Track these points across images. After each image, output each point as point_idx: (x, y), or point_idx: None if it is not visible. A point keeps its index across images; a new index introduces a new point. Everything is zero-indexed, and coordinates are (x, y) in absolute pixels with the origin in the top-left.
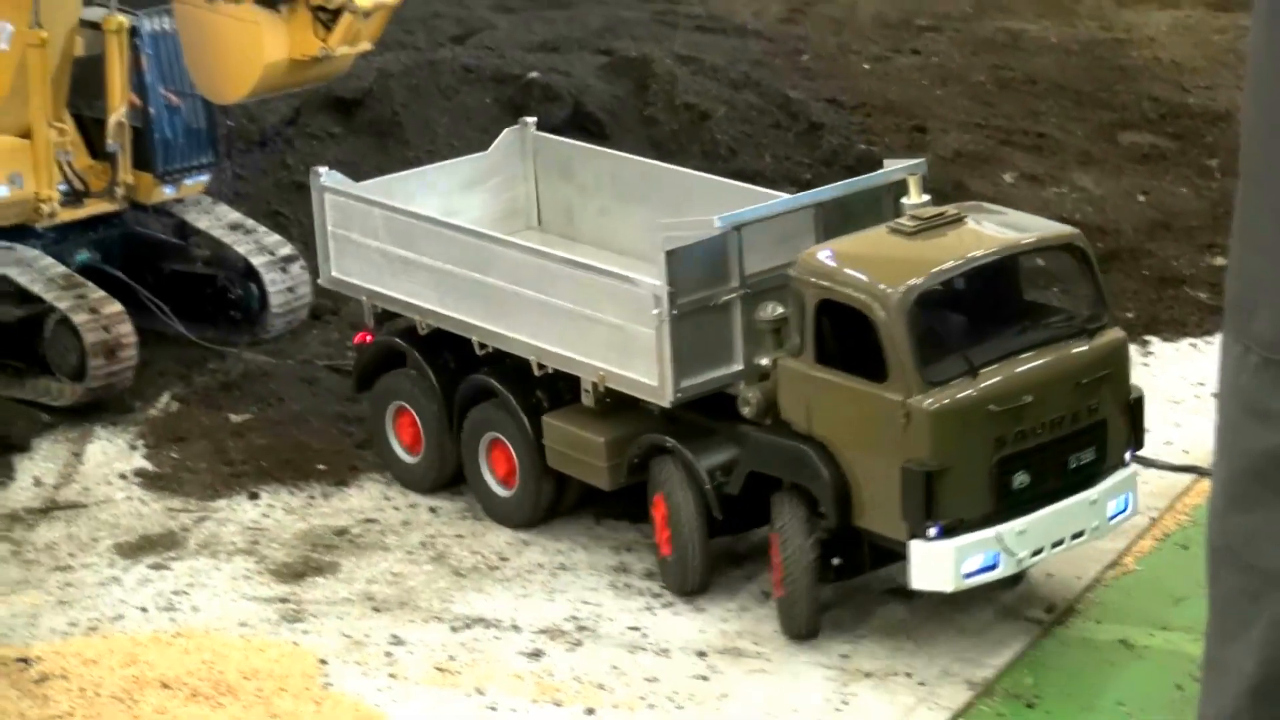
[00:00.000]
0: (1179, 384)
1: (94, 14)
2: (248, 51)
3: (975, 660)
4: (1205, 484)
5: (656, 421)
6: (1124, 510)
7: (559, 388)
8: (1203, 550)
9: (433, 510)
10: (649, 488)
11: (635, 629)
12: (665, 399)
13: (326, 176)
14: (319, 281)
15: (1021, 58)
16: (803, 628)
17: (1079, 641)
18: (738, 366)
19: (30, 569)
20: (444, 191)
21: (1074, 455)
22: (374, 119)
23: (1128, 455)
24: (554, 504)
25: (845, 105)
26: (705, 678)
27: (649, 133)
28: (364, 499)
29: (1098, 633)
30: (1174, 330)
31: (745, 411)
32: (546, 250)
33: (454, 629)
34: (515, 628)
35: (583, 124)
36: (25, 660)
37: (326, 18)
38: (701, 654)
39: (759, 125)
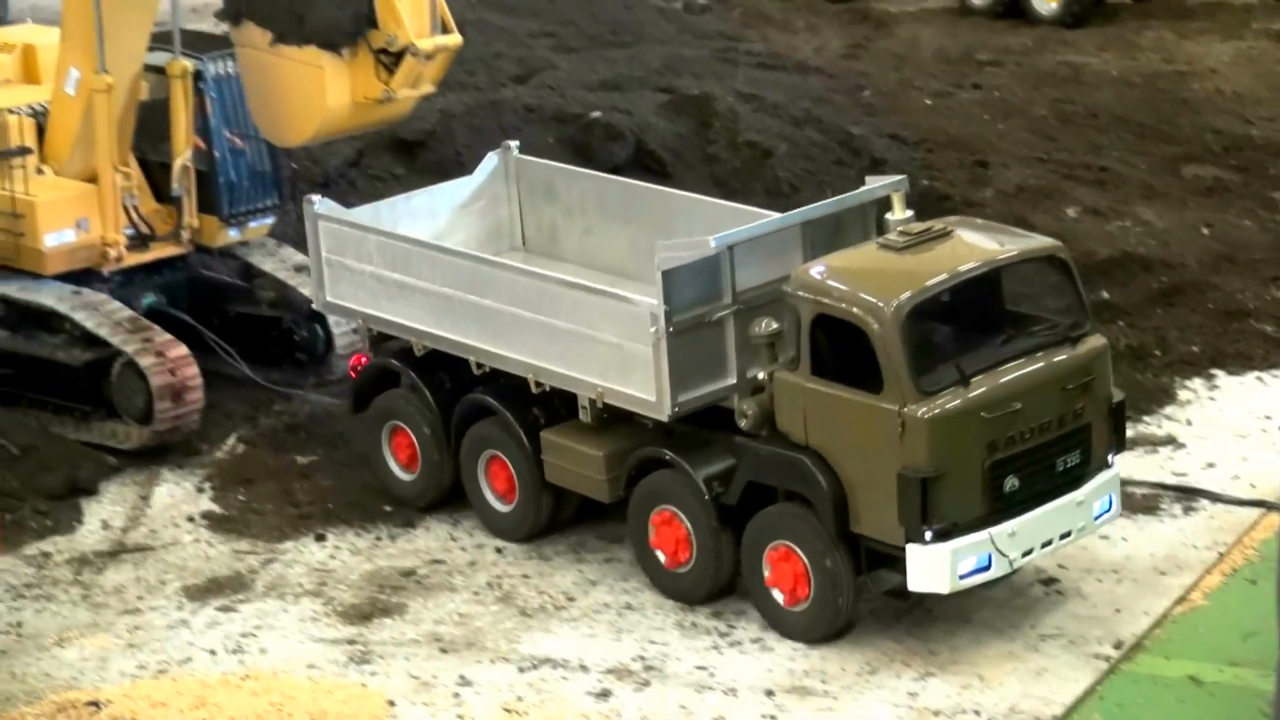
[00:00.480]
0: (1245, 418)
1: (158, 58)
2: (311, 95)
3: (1043, 698)
4: (1273, 518)
5: (653, 435)
6: (1108, 510)
7: (555, 404)
8: (1272, 585)
9: (499, 550)
10: (642, 504)
11: (703, 668)
12: (663, 413)
13: (320, 204)
14: (313, 306)
15: (1083, 91)
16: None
17: (1147, 678)
18: (732, 380)
19: (99, 612)
20: (430, 215)
21: (1061, 458)
22: (437, 160)
23: (1110, 457)
24: (553, 518)
25: (907, 141)
26: (773, 717)
27: (711, 170)
28: (430, 540)
29: (1166, 669)
30: (1240, 364)
31: (742, 424)
32: (544, 272)
33: (521, 669)
34: (583, 668)
35: (645, 162)
36: (95, 704)
37: (389, 60)
38: (769, 693)
39: (821, 162)
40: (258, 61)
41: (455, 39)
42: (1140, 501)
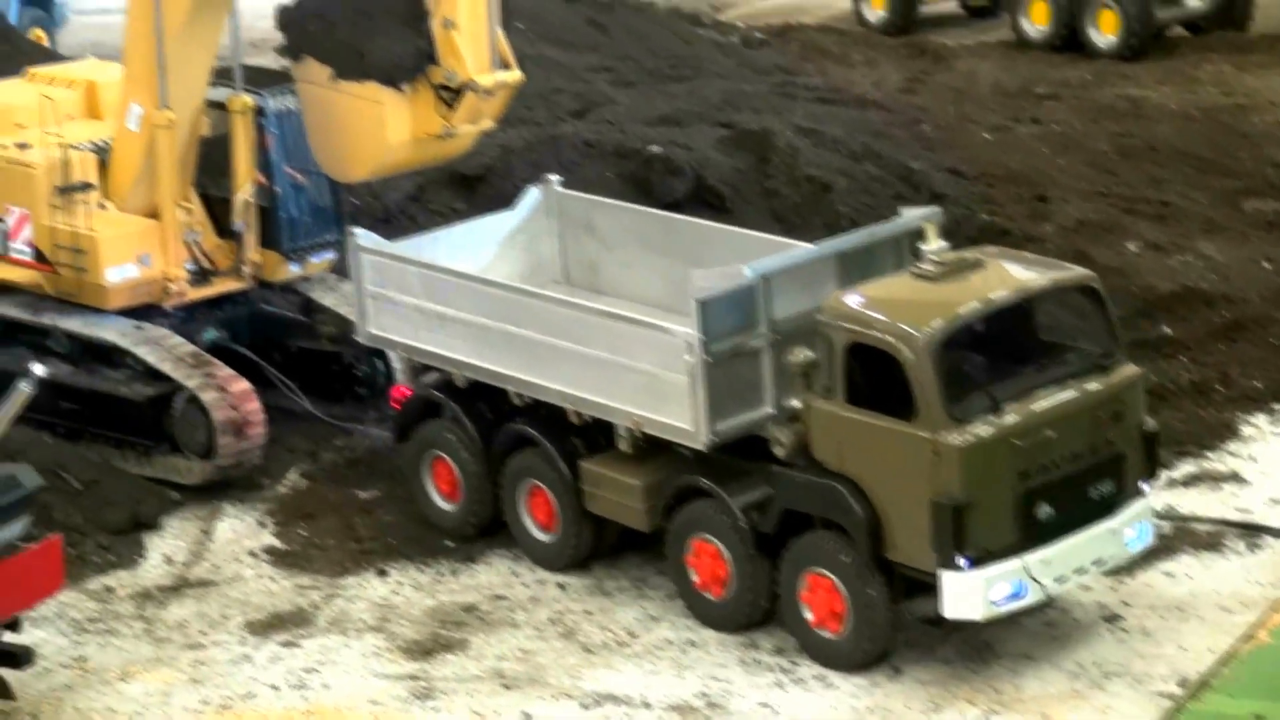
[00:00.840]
0: None
1: (219, 94)
2: (371, 130)
3: None
4: None
5: (691, 464)
6: (1141, 538)
7: (595, 434)
8: None
9: (561, 586)
10: (680, 532)
11: (765, 705)
12: (700, 442)
13: (363, 237)
14: (355, 338)
15: (1143, 125)
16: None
17: (1213, 716)
18: (768, 409)
19: (162, 647)
20: (473, 248)
21: (1094, 486)
22: (496, 195)
23: (1144, 485)
24: (594, 547)
25: (966, 175)
26: None
27: (770, 205)
28: (492, 575)
29: (1231, 707)
30: None
31: (778, 452)
32: (582, 302)
33: (584, 706)
34: (645, 704)
35: (704, 198)
36: None
37: (449, 96)
38: None
39: (881, 196)
40: (318, 98)
41: (515, 75)
42: (1204, 538)
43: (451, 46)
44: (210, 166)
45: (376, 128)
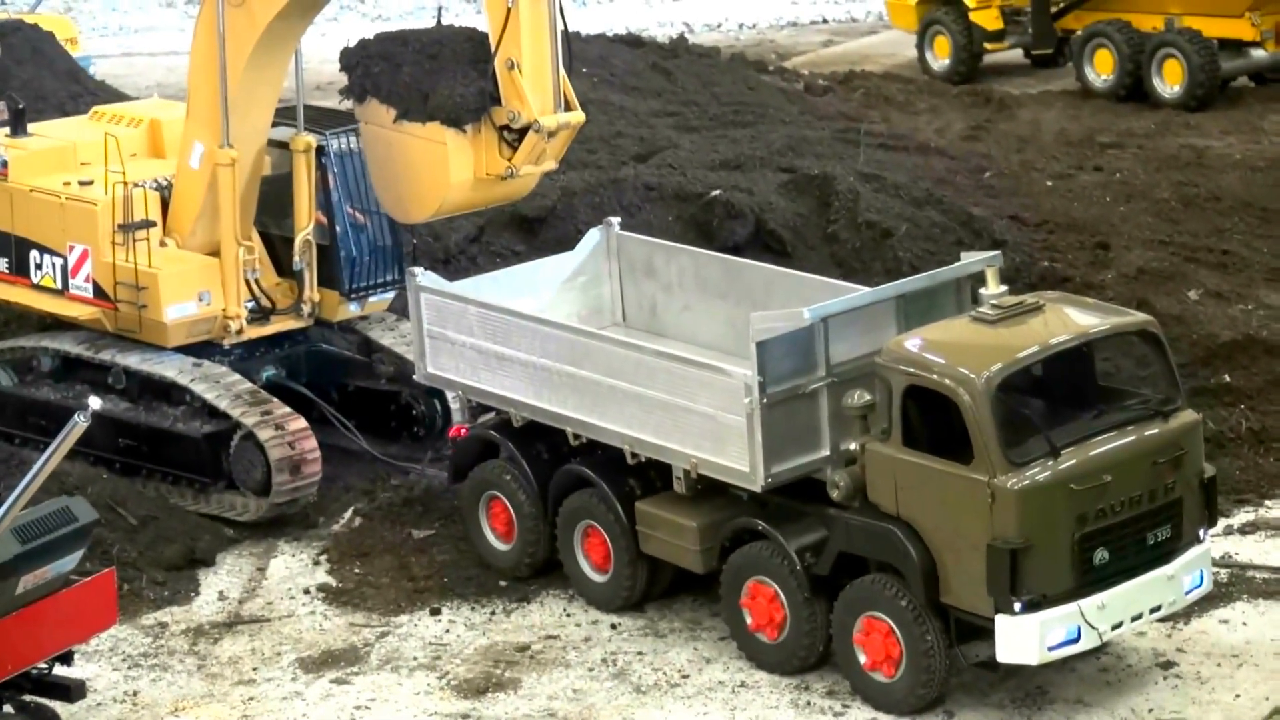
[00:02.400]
0: None
1: (281, 133)
2: (434, 171)
3: None
4: None
5: (747, 506)
6: (1199, 585)
7: (650, 475)
8: None
9: (614, 627)
10: (736, 575)
11: None
12: (757, 484)
13: (423, 276)
14: (414, 378)
15: (1206, 174)
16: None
17: None
18: (825, 452)
19: (214, 683)
20: (533, 289)
21: (1151, 532)
22: (558, 237)
23: (1202, 532)
24: (648, 588)
25: (1028, 223)
26: None
27: (831, 250)
28: (545, 615)
29: None
30: None
31: (834, 495)
32: (640, 343)
33: None
34: None
35: (765, 242)
36: None
37: (512, 137)
38: None
39: (942, 243)
40: (382, 139)
41: (578, 116)
42: (1261, 586)
43: (515, 88)
44: (271, 205)
45: (439, 168)
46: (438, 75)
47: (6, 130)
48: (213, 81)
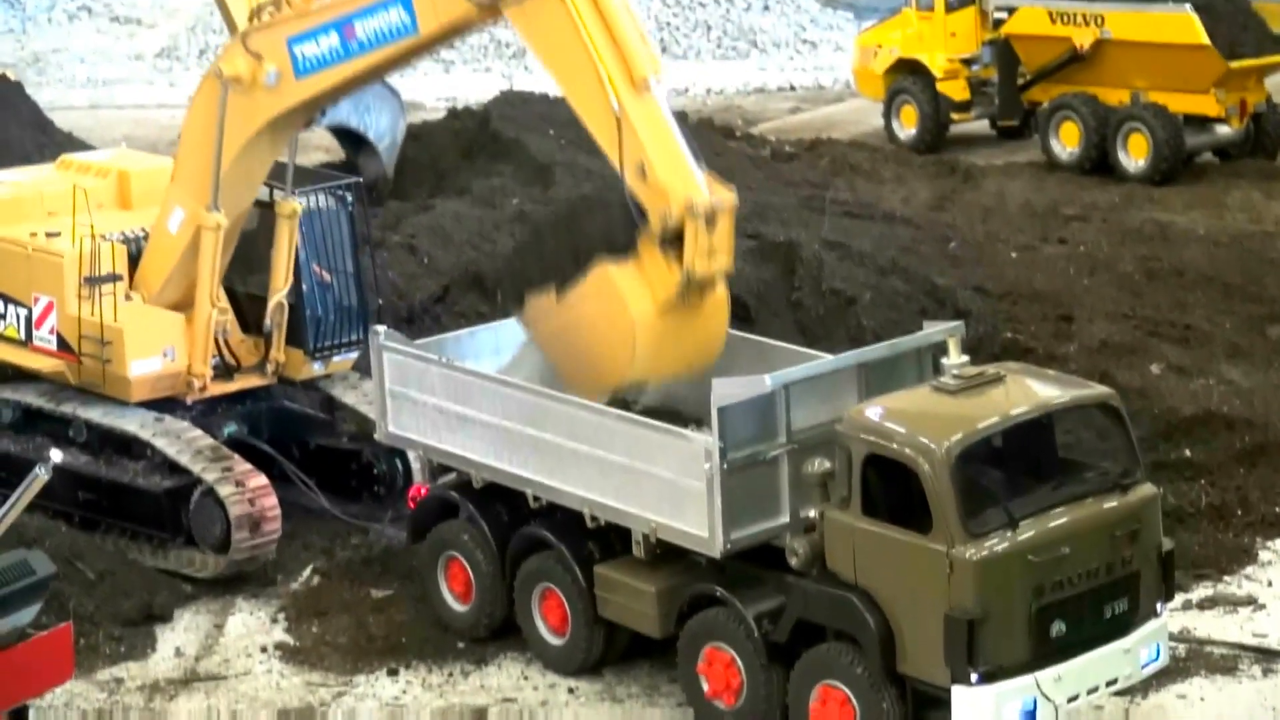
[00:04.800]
0: None
1: (260, 192)
2: (615, 317)
3: None
4: None
5: (705, 571)
6: (1156, 659)
7: (610, 539)
8: None
9: (571, 690)
10: (693, 640)
11: None
12: (716, 550)
13: (385, 335)
14: (375, 437)
15: (1170, 249)
16: None
17: None
18: (785, 518)
19: None
20: (496, 351)
21: (1109, 604)
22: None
23: (1160, 606)
24: (606, 652)
25: (992, 293)
26: None
27: (795, 317)
28: (503, 677)
29: None
30: None
31: (793, 562)
32: (602, 407)
33: None
34: None
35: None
36: None
37: (673, 242)
38: None
39: (906, 311)
40: (556, 329)
41: (729, 196)
42: (1219, 662)
43: (654, 189)
44: (237, 262)
45: (619, 310)
46: (578, 231)
47: None
48: (205, 154)
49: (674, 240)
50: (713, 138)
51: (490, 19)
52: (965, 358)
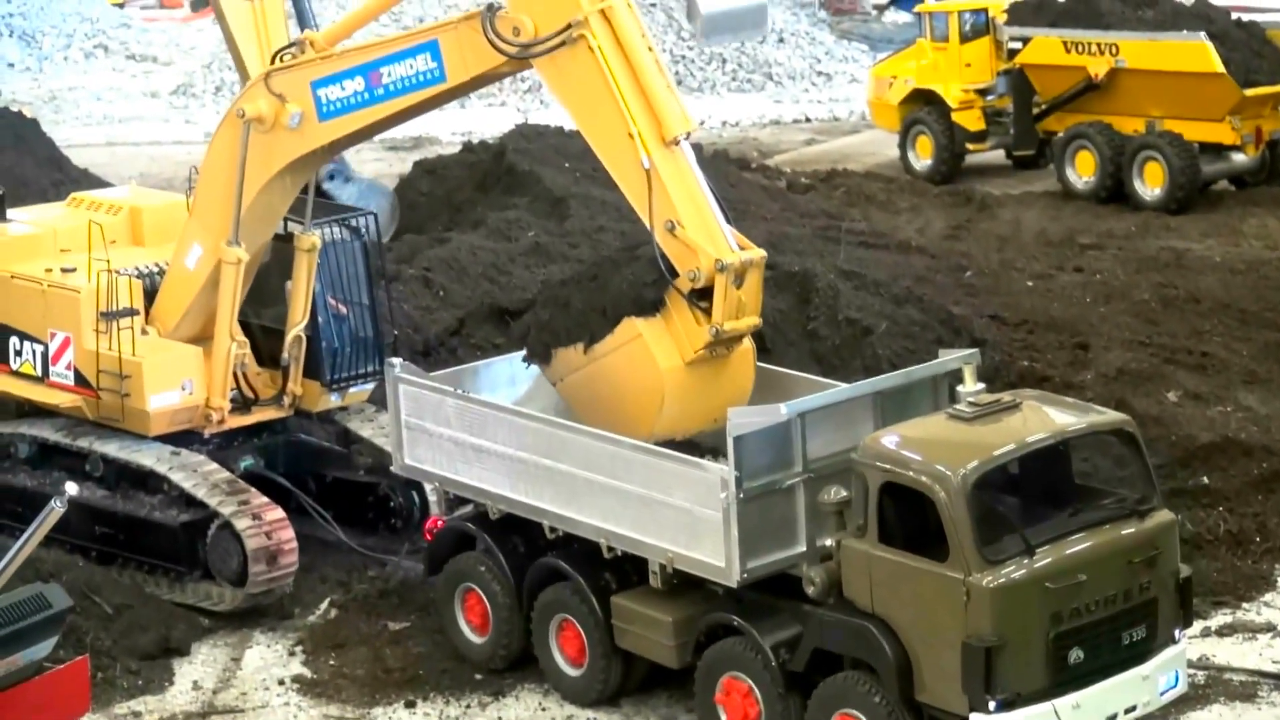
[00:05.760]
0: None
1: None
2: (643, 372)
3: None
4: None
5: (722, 601)
6: (1174, 685)
7: (627, 569)
8: None
9: None
10: (710, 670)
11: None
12: (732, 579)
13: (401, 368)
14: (392, 469)
15: (1186, 276)
16: None
17: None
18: (801, 547)
19: None
20: (511, 382)
21: (1127, 631)
22: None
23: (1177, 632)
24: (623, 682)
25: (1008, 322)
26: None
27: (811, 346)
28: (520, 709)
29: None
30: None
31: (810, 591)
32: (617, 437)
33: None
34: None
35: None
36: None
37: (702, 300)
38: None
39: (921, 340)
40: (582, 383)
41: (759, 252)
42: (1238, 689)
43: (684, 246)
44: (253, 295)
45: (647, 365)
46: (606, 287)
47: None
48: (225, 191)
49: (702, 296)
50: (729, 169)
51: (519, 69)
52: (981, 385)
